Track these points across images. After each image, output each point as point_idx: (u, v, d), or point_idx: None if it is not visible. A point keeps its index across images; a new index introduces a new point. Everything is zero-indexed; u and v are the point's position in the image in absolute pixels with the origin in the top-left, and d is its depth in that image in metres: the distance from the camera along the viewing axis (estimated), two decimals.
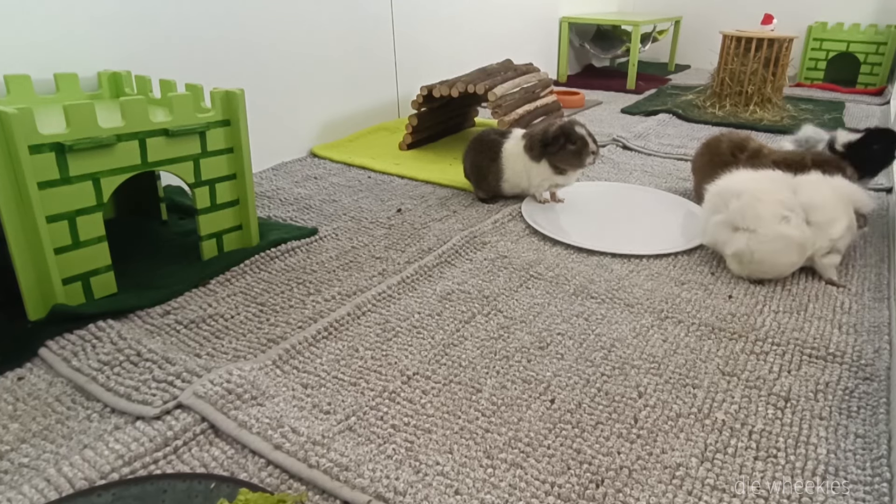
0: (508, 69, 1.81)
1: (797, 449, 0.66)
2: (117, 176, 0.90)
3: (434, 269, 1.05)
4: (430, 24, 2.11)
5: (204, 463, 0.63)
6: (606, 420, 0.70)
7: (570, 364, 0.80)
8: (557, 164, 1.27)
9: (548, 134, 1.26)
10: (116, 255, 0.93)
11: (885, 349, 0.83)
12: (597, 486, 0.61)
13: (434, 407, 0.72)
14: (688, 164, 1.66)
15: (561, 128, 1.25)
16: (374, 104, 1.95)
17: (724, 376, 0.78)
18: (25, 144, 0.78)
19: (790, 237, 0.97)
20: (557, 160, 1.27)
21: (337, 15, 1.72)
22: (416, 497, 0.58)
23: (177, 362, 0.77)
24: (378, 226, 1.24)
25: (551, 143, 1.25)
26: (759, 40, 2.15)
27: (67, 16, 1.14)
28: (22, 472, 0.62)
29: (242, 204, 1.07)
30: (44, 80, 1.09)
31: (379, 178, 1.54)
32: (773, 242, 0.97)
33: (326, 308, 0.93)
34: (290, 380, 0.76)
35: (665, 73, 3.19)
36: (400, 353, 0.82)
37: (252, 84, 1.35)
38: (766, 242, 0.97)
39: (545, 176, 1.30)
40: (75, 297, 0.89)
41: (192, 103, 0.95)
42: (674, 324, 0.90)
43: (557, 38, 2.96)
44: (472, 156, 1.37)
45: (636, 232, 1.23)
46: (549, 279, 1.03)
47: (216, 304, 0.93)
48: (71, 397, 0.73)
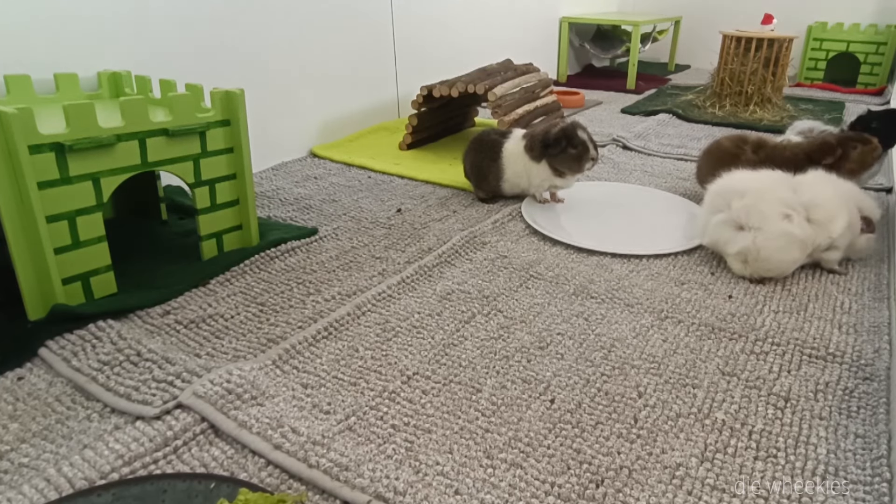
0: (508, 69, 1.81)
1: (797, 449, 0.66)
2: (117, 176, 0.90)
3: (434, 269, 1.05)
4: (430, 24, 2.11)
5: (204, 463, 0.63)
6: (606, 420, 0.70)
7: (570, 364, 0.80)
8: (556, 166, 1.27)
9: (549, 135, 1.25)
10: (116, 255, 0.93)
11: (885, 349, 0.83)
12: (597, 486, 0.61)
13: (434, 407, 0.72)
14: (687, 164, 1.67)
15: (563, 130, 1.24)
16: (374, 104, 1.95)
17: (724, 376, 0.78)
18: (25, 144, 0.78)
19: (794, 235, 0.98)
20: (557, 162, 1.26)
21: (337, 15, 1.72)
22: (415, 497, 0.58)
23: (177, 362, 0.77)
24: (378, 226, 1.24)
25: (552, 145, 1.24)
26: (759, 40, 2.15)
27: (67, 16, 1.14)
28: (22, 471, 0.62)
29: (242, 204, 1.07)
30: (44, 80, 1.09)
31: (379, 178, 1.54)
32: (778, 240, 0.98)
33: (326, 308, 0.93)
34: (290, 380, 0.76)
35: (665, 73, 3.19)
36: (400, 353, 0.82)
37: (252, 84, 1.35)
38: (771, 240, 0.98)
39: (544, 176, 1.29)
40: (75, 297, 0.89)
41: (192, 103, 0.95)
42: (674, 324, 0.90)
43: (557, 38, 2.96)
44: (472, 156, 1.37)
45: (636, 232, 1.23)
46: (549, 279, 1.03)
47: (216, 304, 0.93)
48: (71, 397, 0.73)
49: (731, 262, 1.05)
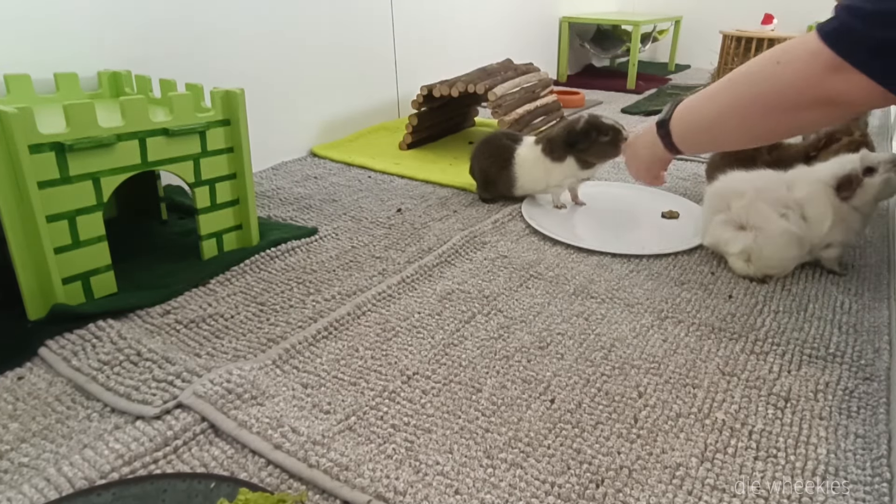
0: (508, 69, 1.81)
1: (797, 449, 0.66)
2: (117, 175, 0.90)
3: (434, 269, 1.05)
4: (430, 23, 2.11)
5: (204, 463, 0.63)
6: (606, 420, 0.70)
7: (570, 364, 0.80)
8: (589, 158, 1.25)
9: (575, 132, 1.23)
10: (116, 255, 0.93)
11: (885, 349, 0.83)
12: (597, 486, 0.61)
13: (434, 407, 0.72)
14: (687, 163, 1.67)
15: (588, 122, 1.22)
16: (374, 104, 1.95)
17: (724, 376, 0.78)
18: (25, 144, 0.78)
19: (793, 232, 0.99)
20: (590, 155, 1.24)
21: (337, 15, 1.72)
22: (416, 497, 0.58)
23: (177, 362, 0.77)
24: (378, 225, 1.24)
25: (581, 140, 1.23)
26: (760, 40, 2.15)
27: (68, 15, 1.14)
28: (22, 471, 0.61)
29: (242, 203, 1.07)
30: (44, 80, 1.09)
31: (379, 177, 1.54)
32: (779, 238, 0.99)
33: (326, 308, 0.93)
34: (290, 379, 0.76)
35: (665, 73, 3.19)
36: (400, 353, 0.82)
37: (252, 84, 1.35)
38: (772, 238, 0.99)
39: (568, 173, 1.28)
40: (75, 296, 0.89)
41: (192, 103, 0.95)
42: (674, 324, 0.90)
43: (557, 38, 2.96)
44: (480, 160, 1.35)
45: (636, 232, 1.23)
46: (549, 279, 1.03)
47: (216, 303, 0.93)
48: (71, 397, 0.73)
49: (733, 262, 1.05)
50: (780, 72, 0.76)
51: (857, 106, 0.73)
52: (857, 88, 0.69)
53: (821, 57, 0.70)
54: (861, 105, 0.73)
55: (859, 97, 0.70)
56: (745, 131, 0.85)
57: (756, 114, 0.81)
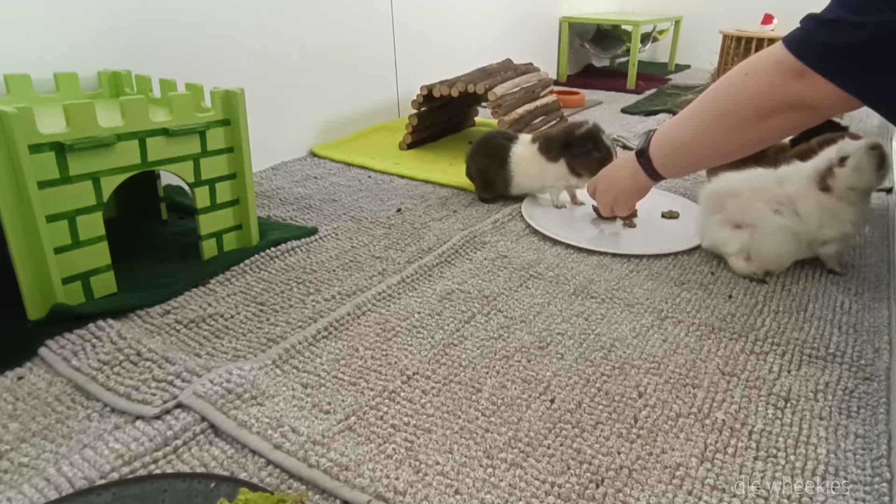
0: (508, 69, 1.81)
1: (797, 449, 0.66)
2: (117, 175, 0.90)
3: (434, 269, 1.05)
4: (430, 23, 2.11)
5: (204, 462, 0.63)
6: (606, 420, 0.70)
7: (570, 364, 0.80)
8: (575, 166, 1.25)
9: (573, 135, 1.23)
10: (116, 255, 0.93)
11: (885, 349, 0.83)
12: (597, 485, 0.61)
13: (434, 407, 0.72)
14: None
15: (590, 132, 1.23)
16: (374, 104, 1.95)
17: (724, 376, 0.78)
18: (25, 144, 0.78)
19: (788, 227, 0.99)
20: (577, 163, 1.25)
21: (337, 14, 1.72)
22: (415, 497, 0.58)
23: (177, 362, 0.77)
24: (378, 225, 1.24)
25: (577, 145, 1.23)
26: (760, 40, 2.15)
27: (67, 16, 1.14)
28: (22, 471, 0.61)
29: (242, 203, 1.07)
30: (44, 80, 1.09)
31: (379, 177, 1.54)
32: (775, 233, 0.99)
33: (326, 308, 0.93)
34: (289, 379, 0.76)
35: (665, 73, 3.19)
36: (400, 353, 0.82)
37: (252, 84, 1.35)
38: (768, 234, 1.00)
39: (560, 175, 1.28)
40: (75, 296, 0.89)
41: (192, 103, 0.95)
42: (674, 324, 0.90)
43: (557, 38, 2.96)
44: (477, 160, 1.35)
45: (636, 232, 1.23)
46: (549, 279, 1.03)
47: (216, 303, 0.93)
48: (71, 397, 0.73)
49: (733, 261, 1.05)
50: (749, 81, 0.80)
51: (821, 110, 0.76)
52: (821, 93, 0.72)
53: (785, 64, 0.74)
54: (825, 108, 0.76)
55: (823, 101, 0.74)
56: (723, 144, 0.87)
57: (731, 126, 0.84)
